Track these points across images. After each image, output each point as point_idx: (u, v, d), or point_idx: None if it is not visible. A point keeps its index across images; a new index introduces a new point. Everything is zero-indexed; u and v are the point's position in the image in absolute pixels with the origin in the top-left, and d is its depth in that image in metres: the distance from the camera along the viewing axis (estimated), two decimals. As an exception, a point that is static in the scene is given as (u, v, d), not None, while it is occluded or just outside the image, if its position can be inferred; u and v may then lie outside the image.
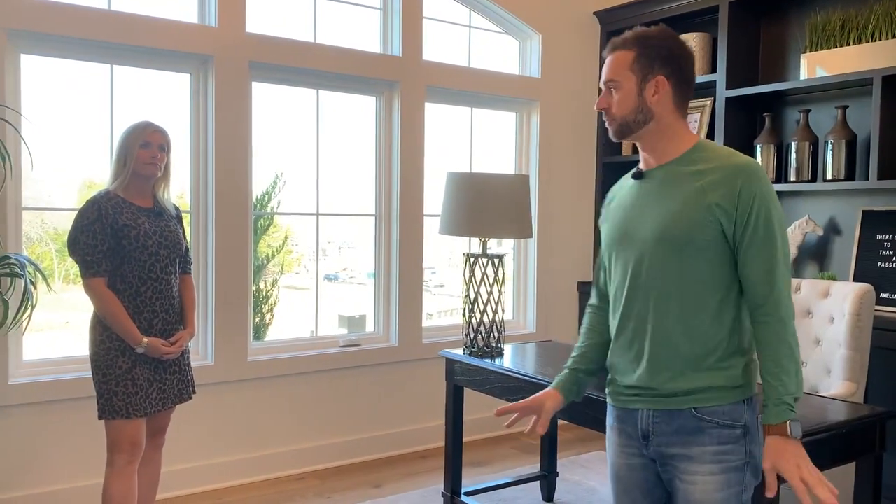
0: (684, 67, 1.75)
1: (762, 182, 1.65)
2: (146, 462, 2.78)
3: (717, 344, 1.67)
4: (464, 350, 3.17)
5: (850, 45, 3.76)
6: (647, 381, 1.72)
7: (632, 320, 1.75)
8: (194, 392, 2.85)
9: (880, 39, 3.64)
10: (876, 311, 3.31)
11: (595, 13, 4.89)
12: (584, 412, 2.54)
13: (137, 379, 2.59)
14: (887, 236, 3.64)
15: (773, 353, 1.62)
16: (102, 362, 2.58)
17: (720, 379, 1.67)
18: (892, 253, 3.60)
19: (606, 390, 1.86)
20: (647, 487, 1.79)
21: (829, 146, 3.73)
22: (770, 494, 1.60)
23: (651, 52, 1.72)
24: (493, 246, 3.23)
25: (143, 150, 2.65)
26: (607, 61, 1.78)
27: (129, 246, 2.59)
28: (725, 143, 4.01)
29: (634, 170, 1.84)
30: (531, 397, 1.97)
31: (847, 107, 3.72)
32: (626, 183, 1.86)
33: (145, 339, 2.59)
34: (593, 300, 2.00)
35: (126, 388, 2.57)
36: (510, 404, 1.98)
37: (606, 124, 1.80)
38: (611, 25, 4.86)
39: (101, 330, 2.60)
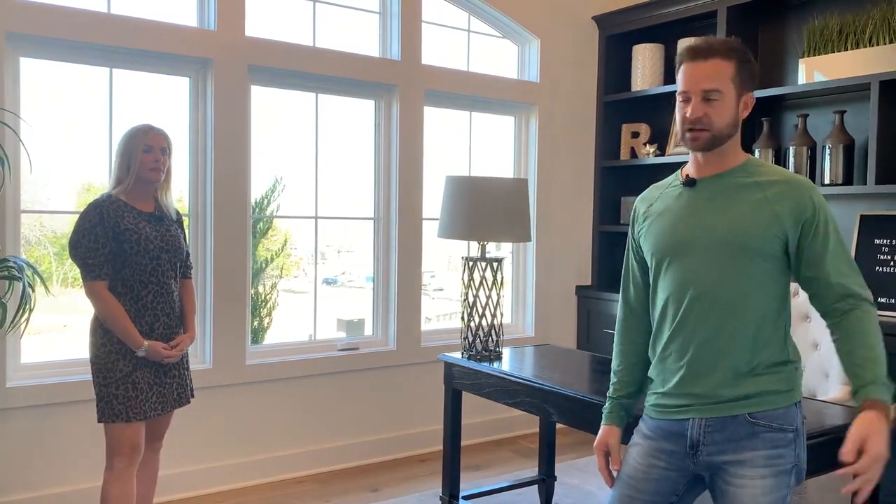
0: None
1: (821, 195, 1.72)
2: (144, 465, 2.78)
3: (772, 350, 1.71)
4: (462, 354, 3.17)
5: (847, 50, 3.77)
6: (700, 389, 1.73)
7: (686, 329, 1.75)
8: (193, 396, 2.85)
9: (878, 44, 3.65)
10: (874, 315, 3.31)
11: (594, 18, 4.90)
12: (583, 416, 2.54)
13: (138, 382, 2.59)
14: (885, 241, 3.64)
15: (867, 338, 1.64)
16: (103, 365, 2.58)
17: (774, 383, 1.70)
18: (889, 257, 3.61)
19: (646, 403, 1.87)
20: (655, 499, 1.81)
21: (827, 151, 3.73)
22: (845, 458, 1.56)
23: (750, 67, 1.74)
24: (492, 249, 3.23)
25: (146, 154, 2.64)
26: (701, 67, 1.69)
27: (130, 250, 2.59)
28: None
29: (682, 177, 1.81)
30: (596, 446, 1.98)
31: (845, 111, 3.73)
32: (669, 191, 1.84)
33: (146, 343, 2.59)
34: (623, 314, 1.98)
35: (126, 391, 2.57)
36: (606, 476, 1.96)
37: (690, 135, 1.72)
38: (610, 30, 4.87)
39: (102, 333, 2.60)
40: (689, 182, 1.79)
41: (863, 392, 1.61)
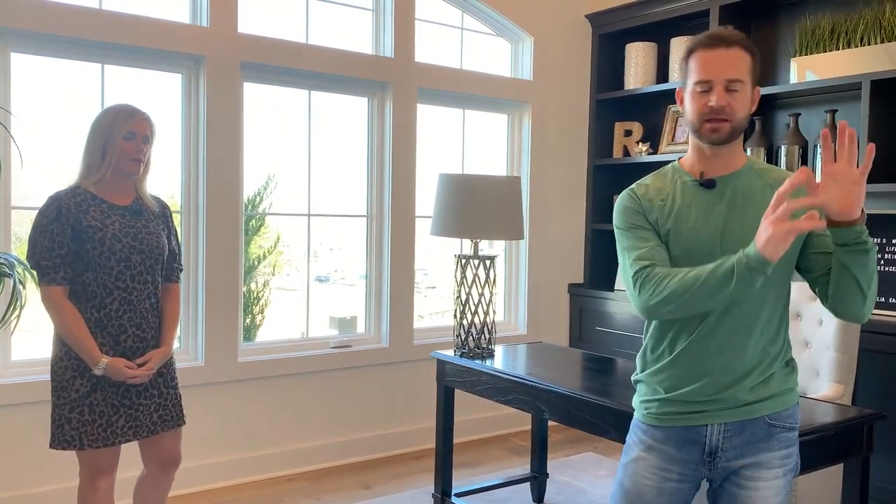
0: None
1: None
2: (151, 486, 2.49)
3: (779, 346, 1.72)
4: (455, 351, 3.17)
5: (839, 49, 3.79)
6: (722, 394, 1.67)
7: (707, 335, 1.67)
8: (184, 422, 2.51)
9: (869, 44, 3.67)
10: (864, 313, 3.32)
11: (587, 16, 4.91)
12: (575, 414, 2.55)
13: (96, 405, 2.25)
14: (877, 240, 3.66)
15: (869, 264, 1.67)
16: (58, 384, 2.26)
17: (785, 382, 1.73)
18: (879, 256, 3.63)
19: (644, 411, 1.77)
20: None
21: (819, 150, 3.75)
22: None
23: (758, 62, 1.70)
24: (485, 247, 3.23)
25: (127, 142, 2.28)
26: (725, 56, 1.61)
27: (92, 250, 2.24)
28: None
29: (696, 175, 1.71)
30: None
31: (836, 111, 3.75)
32: (683, 186, 1.72)
33: (104, 360, 2.22)
34: (658, 268, 1.67)
35: (81, 415, 2.23)
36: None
37: (710, 125, 1.63)
38: (603, 28, 4.88)
39: (61, 346, 2.27)
40: (709, 183, 1.69)
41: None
